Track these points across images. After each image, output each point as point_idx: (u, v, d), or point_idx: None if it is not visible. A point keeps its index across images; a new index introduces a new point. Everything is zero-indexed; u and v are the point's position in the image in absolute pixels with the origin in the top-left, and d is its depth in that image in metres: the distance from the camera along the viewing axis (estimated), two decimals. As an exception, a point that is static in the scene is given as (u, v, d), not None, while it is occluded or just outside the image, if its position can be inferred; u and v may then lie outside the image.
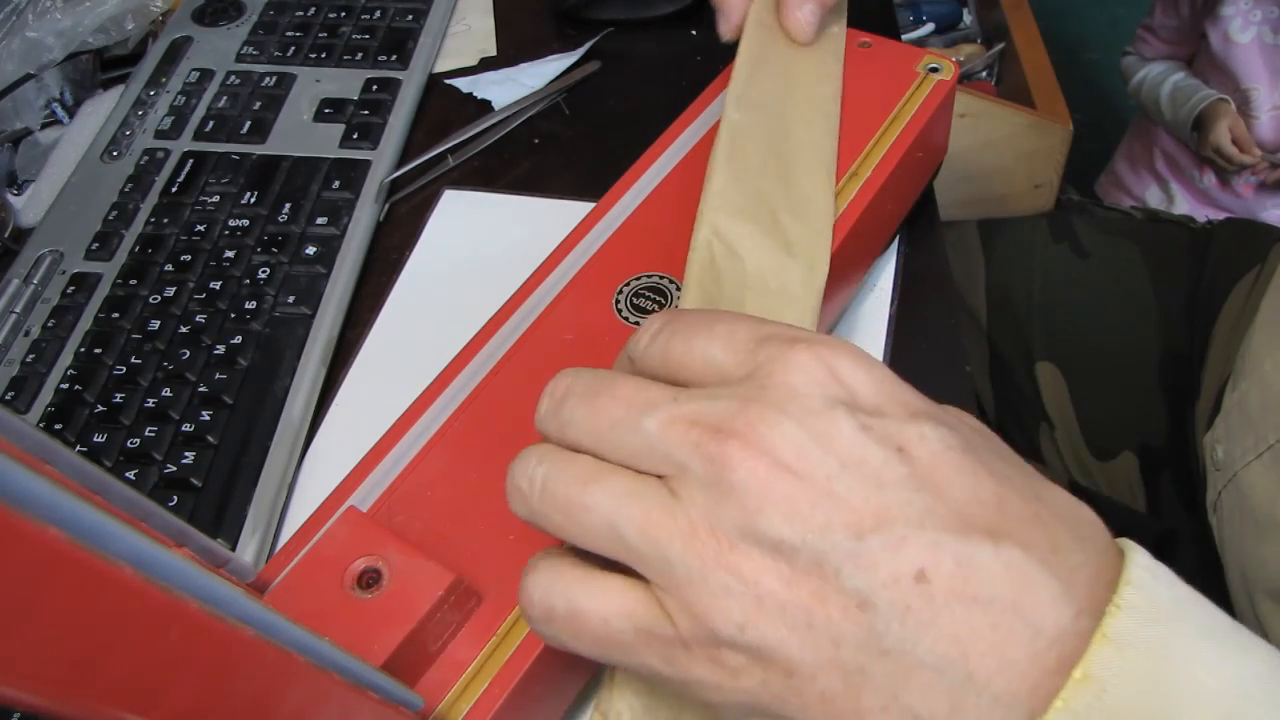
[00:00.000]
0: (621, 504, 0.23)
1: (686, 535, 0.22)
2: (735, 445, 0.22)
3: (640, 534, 0.22)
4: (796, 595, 0.21)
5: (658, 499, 0.22)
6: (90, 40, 0.59)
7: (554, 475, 0.24)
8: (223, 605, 0.17)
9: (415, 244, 0.50)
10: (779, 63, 0.41)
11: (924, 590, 0.21)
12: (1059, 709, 0.19)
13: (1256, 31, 0.99)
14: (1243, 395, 0.51)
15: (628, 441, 0.23)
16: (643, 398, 0.24)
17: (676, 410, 0.23)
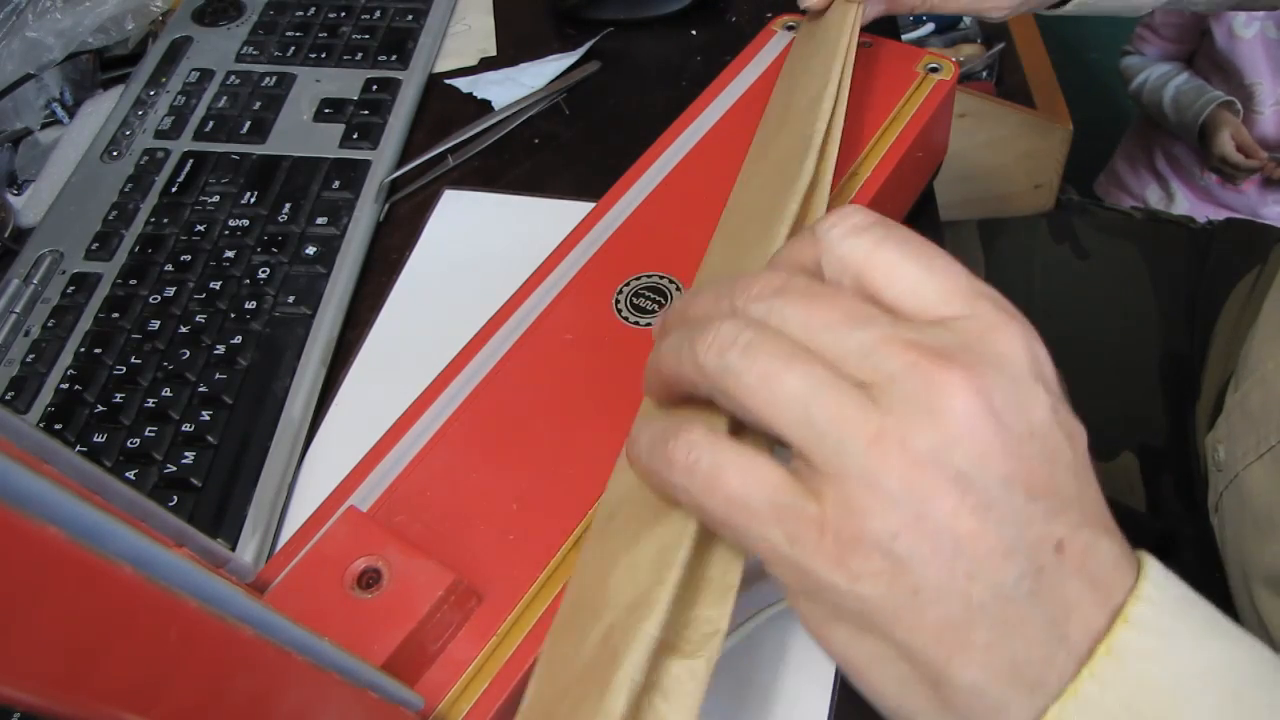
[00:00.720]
0: (820, 388, 0.23)
1: (875, 436, 0.23)
2: (958, 375, 0.23)
3: (830, 419, 0.23)
4: (956, 526, 0.22)
5: (855, 396, 0.23)
6: (90, 40, 0.59)
7: (761, 341, 0.24)
8: (222, 605, 0.17)
9: (415, 244, 0.50)
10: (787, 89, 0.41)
11: (1058, 559, 0.23)
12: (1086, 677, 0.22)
13: (1260, 27, 0.99)
14: (1244, 395, 0.51)
15: (838, 341, 0.24)
16: (863, 311, 0.24)
17: (897, 332, 0.24)
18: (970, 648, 0.23)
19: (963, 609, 0.23)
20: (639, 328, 0.36)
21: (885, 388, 0.23)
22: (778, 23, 0.48)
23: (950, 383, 0.23)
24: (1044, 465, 0.23)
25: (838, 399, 0.23)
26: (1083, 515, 0.24)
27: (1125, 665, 0.22)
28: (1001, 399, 0.23)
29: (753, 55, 0.47)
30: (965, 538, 0.22)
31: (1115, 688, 0.22)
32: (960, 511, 0.22)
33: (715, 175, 0.41)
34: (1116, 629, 0.23)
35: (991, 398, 0.23)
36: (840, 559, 0.23)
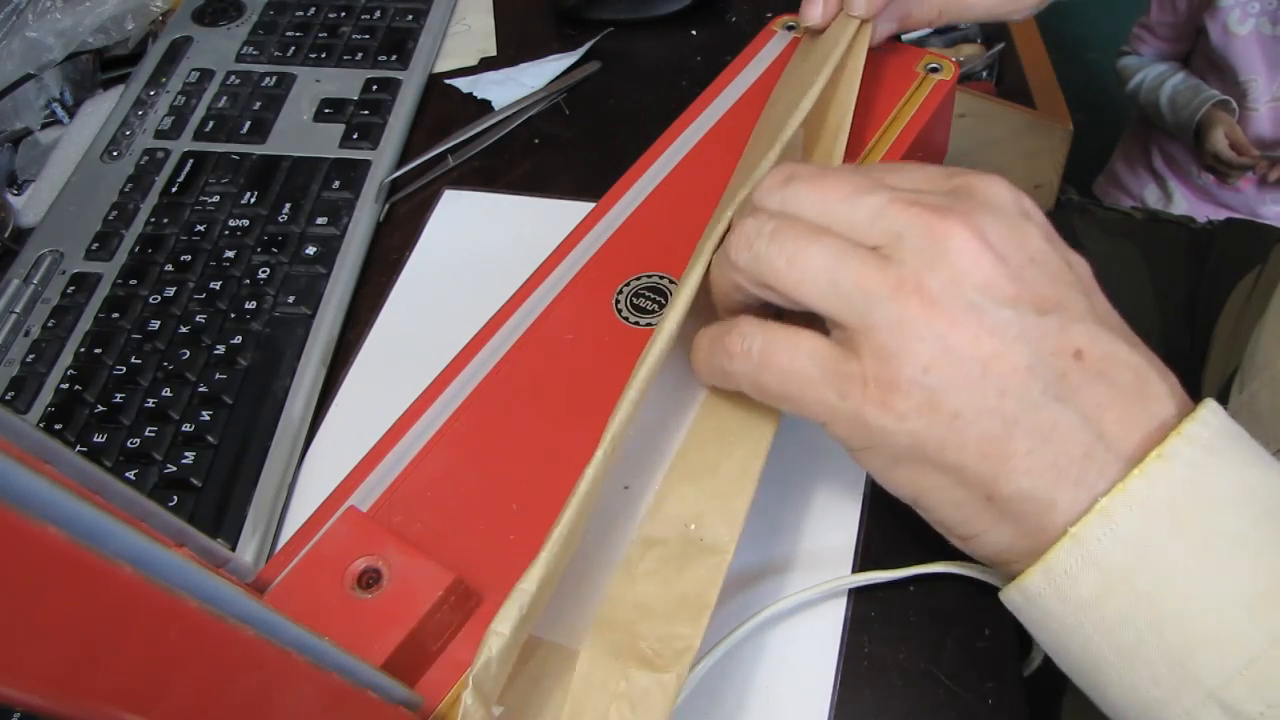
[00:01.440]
0: (840, 258, 0.26)
1: (894, 288, 0.25)
2: (955, 220, 0.26)
3: (853, 283, 0.26)
4: (978, 350, 0.25)
5: (871, 258, 0.26)
6: (90, 40, 0.59)
7: (783, 228, 0.27)
8: (222, 605, 0.17)
9: (415, 244, 0.50)
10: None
11: (1079, 364, 0.25)
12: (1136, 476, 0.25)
13: (1255, 23, 0.99)
14: (1252, 396, 0.51)
15: (850, 213, 0.27)
16: (865, 182, 0.28)
17: (900, 194, 0.27)
18: (1013, 457, 0.25)
19: (1000, 424, 0.25)
20: (639, 328, 0.36)
21: (896, 244, 0.26)
22: (778, 23, 0.48)
23: (949, 228, 0.25)
24: (1049, 284, 0.26)
25: (857, 263, 0.26)
26: (1097, 326, 0.26)
27: (1173, 471, 0.24)
28: (996, 235, 0.26)
29: (753, 55, 0.47)
30: (989, 359, 0.25)
31: (1161, 488, 0.24)
32: (980, 336, 0.25)
33: (715, 175, 0.41)
34: (1170, 439, 0.25)
35: (987, 235, 0.26)
36: (885, 402, 0.26)
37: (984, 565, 0.36)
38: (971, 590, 0.36)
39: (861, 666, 0.35)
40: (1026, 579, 0.26)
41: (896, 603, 0.36)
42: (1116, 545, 0.24)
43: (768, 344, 0.28)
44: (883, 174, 0.29)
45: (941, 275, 0.25)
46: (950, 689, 0.34)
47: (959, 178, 0.28)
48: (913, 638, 0.35)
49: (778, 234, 0.27)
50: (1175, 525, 0.24)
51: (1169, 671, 0.24)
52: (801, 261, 0.27)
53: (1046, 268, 0.26)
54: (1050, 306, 0.26)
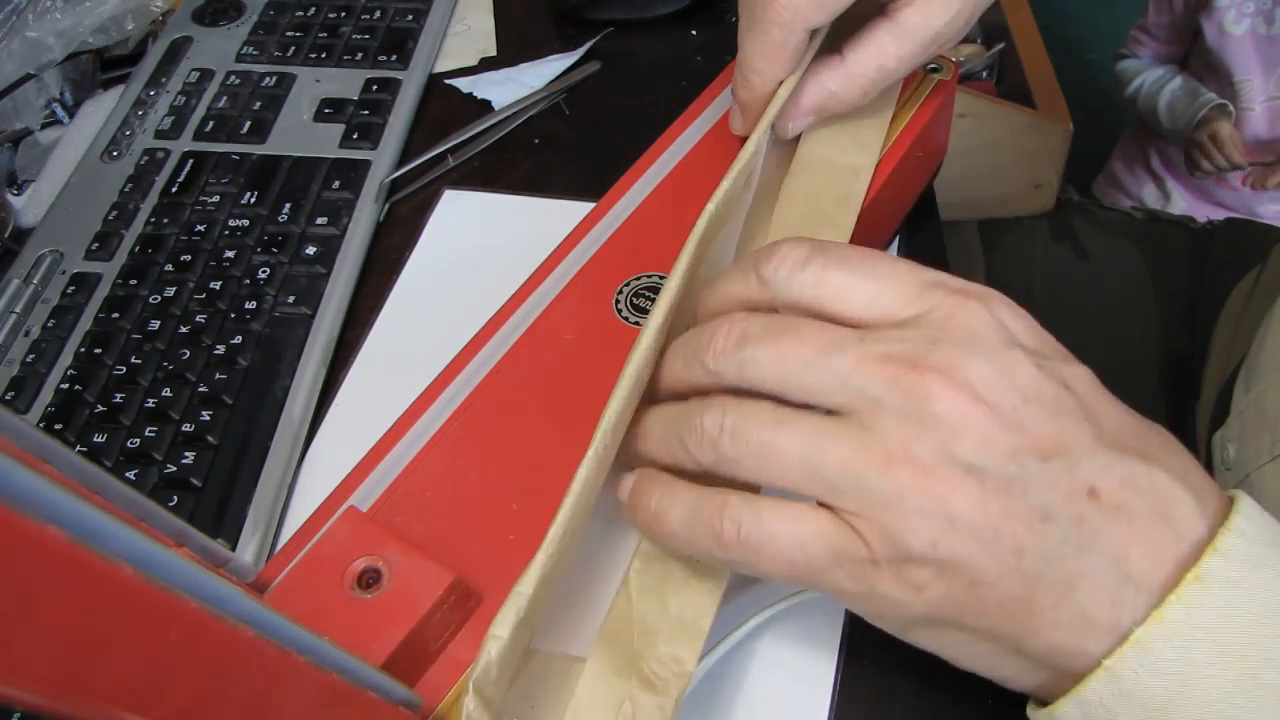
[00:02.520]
0: (814, 441, 0.24)
1: (882, 463, 0.24)
2: (934, 378, 0.24)
3: (836, 466, 0.24)
4: (986, 513, 0.23)
5: (849, 432, 0.24)
6: (90, 40, 0.59)
7: (743, 421, 0.25)
8: (222, 604, 0.17)
9: (415, 244, 0.50)
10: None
11: (1095, 504, 0.24)
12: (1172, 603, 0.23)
13: (1250, 23, 0.99)
14: (1259, 396, 0.50)
15: (816, 380, 0.25)
16: (828, 337, 0.25)
17: (867, 349, 0.25)
18: (1038, 614, 0.24)
19: (1021, 583, 0.24)
20: (639, 328, 0.36)
21: (873, 412, 0.24)
22: (778, 23, 0.48)
23: (930, 387, 0.24)
24: (1047, 423, 0.24)
25: (835, 443, 0.24)
26: (1108, 454, 0.24)
27: (1211, 592, 0.23)
28: (983, 383, 0.24)
29: (753, 55, 0.47)
30: (999, 519, 0.23)
31: (1200, 612, 0.23)
32: (985, 499, 0.23)
33: (716, 175, 0.41)
34: (1205, 558, 0.23)
35: (973, 386, 0.24)
36: (898, 579, 0.24)
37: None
38: (971, 590, 0.36)
39: (861, 666, 0.34)
40: (1059, 710, 0.25)
41: (896, 603, 0.36)
42: (1156, 678, 0.23)
43: (764, 532, 0.25)
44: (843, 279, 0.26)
45: (931, 442, 0.24)
46: (950, 689, 0.34)
47: (934, 294, 0.26)
48: (913, 638, 0.35)
49: (740, 431, 0.25)
50: (1217, 652, 0.23)
51: None
52: (774, 456, 0.25)
53: (1042, 402, 0.24)
54: (1054, 449, 0.24)
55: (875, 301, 0.26)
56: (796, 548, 0.25)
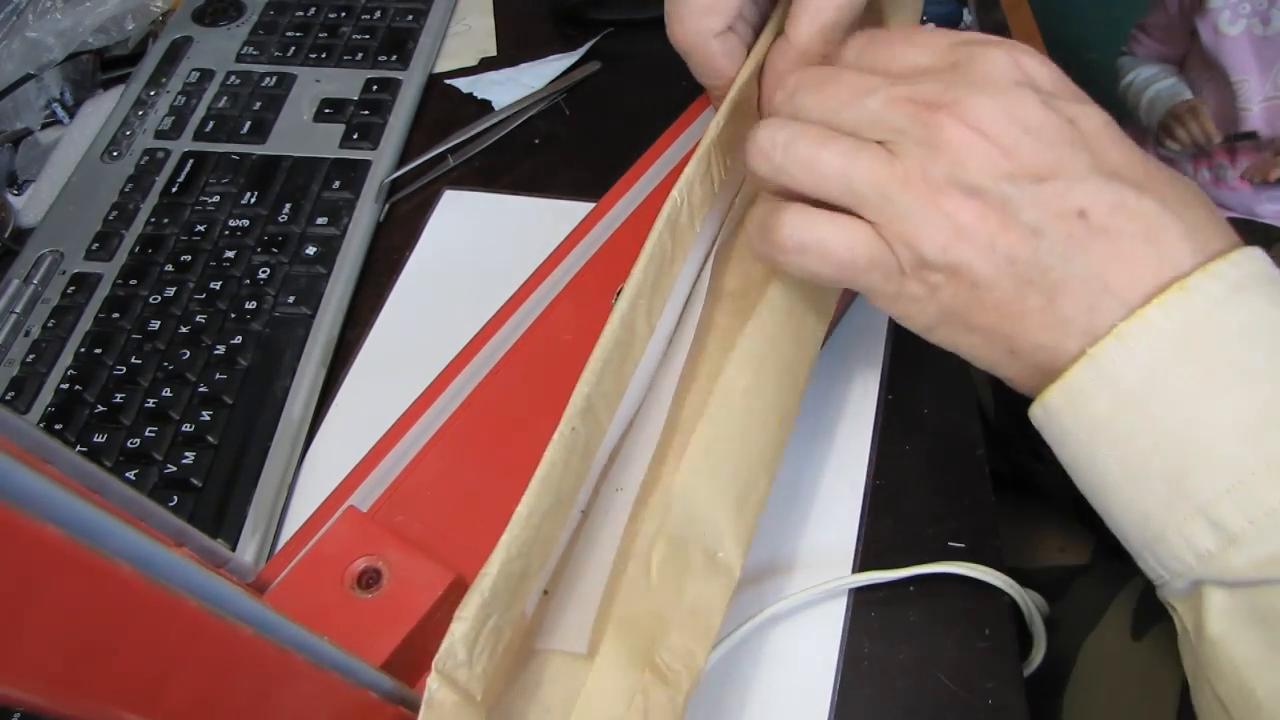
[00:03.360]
0: (851, 159, 0.29)
1: (903, 181, 0.28)
2: (944, 113, 0.28)
3: (867, 181, 0.29)
4: (985, 226, 0.27)
5: (879, 155, 0.29)
6: (90, 40, 0.59)
7: (795, 137, 0.30)
8: (222, 604, 0.17)
9: (415, 244, 0.50)
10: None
11: (1083, 223, 0.27)
12: (1155, 304, 0.26)
13: (1246, 24, 0.99)
14: None
15: (854, 115, 0.30)
16: (865, 83, 0.30)
17: (895, 91, 0.29)
18: (1026, 315, 0.28)
19: (1013, 287, 0.28)
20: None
21: (899, 139, 0.28)
22: (778, 23, 0.48)
23: (940, 121, 0.28)
24: (1045, 152, 0.27)
25: (867, 161, 0.29)
26: (1102, 180, 0.27)
27: (1193, 302, 0.26)
28: (986, 116, 0.28)
29: (753, 55, 0.47)
30: (996, 232, 0.27)
31: (1177, 318, 0.26)
32: (984, 213, 0.27)
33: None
34: (1194, 275, 0.26)
35: (979, 120, 0.28)
36: (919, 278, 0.29)
37: (982, 566, 0.36)
38: (971, 590, 0.36)
39: (861, 666, 0.35)
40: (1047, 395, 0.28)
41: (896, 603, 0.36)
42: (1129, 367, 0.26)
43: (820, 237, 0.30)
44: (889, 52, 0.31)
45: (941, 164, 0.28)
46: (950, 689, 0.34)
47: (962, 49, 0.30)
48: (913, 638, 0.35)
49: (790, 144, 0.30)
50: (1186, 352, 0.26)
51: (1165, 487, 0.26)
52: (817, 166, 0.29)
53: (1043, 134, 0.28)
54: (1048, 173, 0.27)
55: (916, 62, 0.30)
56: (845, 249, 0.29)
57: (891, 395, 0.41)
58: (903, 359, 0.43)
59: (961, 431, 0.40)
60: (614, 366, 0.30)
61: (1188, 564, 0.26)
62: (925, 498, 0.38)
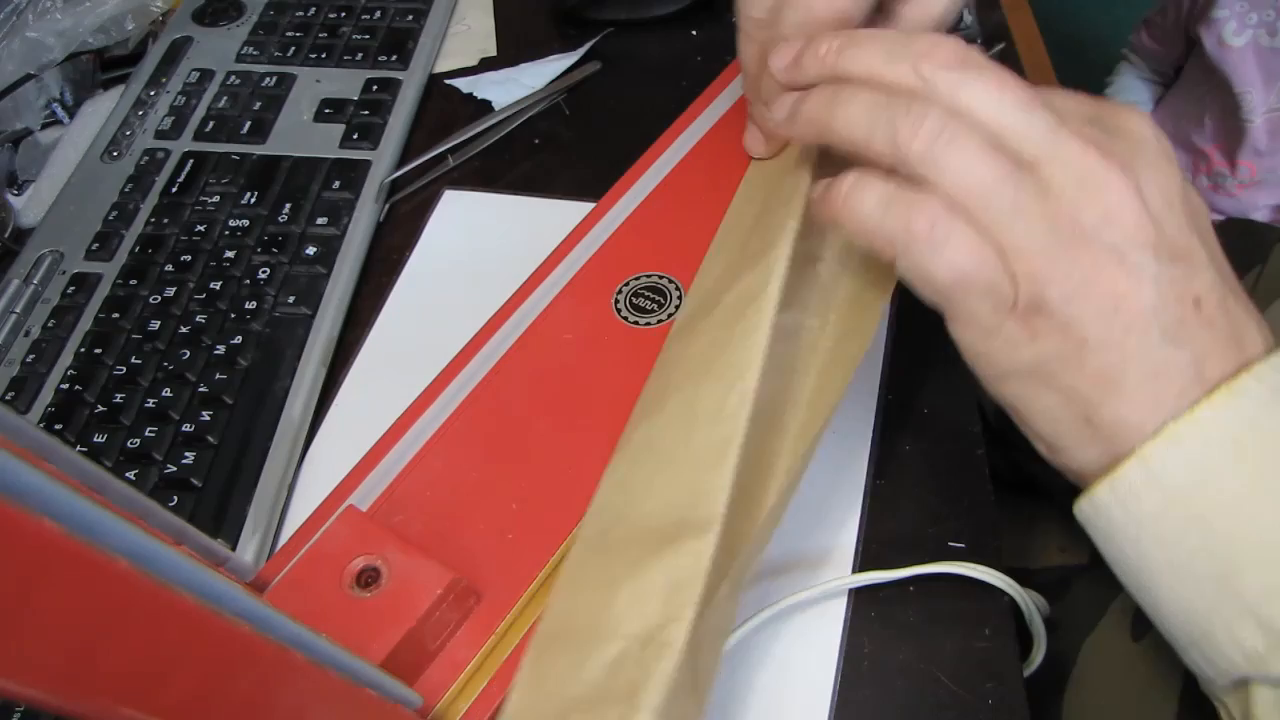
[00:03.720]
0: (1006, 176, 0.28)
1: (1052, 216, 0.27)
2: (1116, 165, 0.27)
3: (1014, 204, 0.27)
4: (1115, 289, 0.27)
5: (1030, 184, 0.28)
6: (90, 40, 0.59)
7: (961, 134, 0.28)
8: (222, 602, 0.17)
9: (415, 244, 0.50)
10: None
11: (1196, 313, 0.27)
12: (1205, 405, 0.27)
13: (1252, 34, 0.98)
14: None
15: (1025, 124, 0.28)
16: (1036, 96, 0.29)
17: (1067, 121, 0.28)
18: (1123, 388, 0.27)
19: (1119, 357, 0.27)
20: (639, 328, 0.36)
21: (1058, 171, 0.27)
22: (778, 23, 0.48)
23: (1109, 171, 0.27)
24: (1181, 234, 0.28)
25: (1019, 188, 0.27)
26: (1216, 275, 0.28)
27: (1240, 406, 0.26)
28: (1146, 183, 0.27)
29: (753, 55, 0.47)
30: (1123, 298, 0.27)
31: (1227, 419, 0.26)
32: (1118, 276, 0.27)
33: (715, 175, 0.41)
34: (1240, 376, 0.27)
35: (1140, 182, 0.27)
36: (1024, 324, 0.28)
37: (982, 566, 0.36)
38: (971, 590, 0.36)
39: (861, 666, 0.34)
40: (1096, 490, 0.28)
41: (896, 603, 0.36)
42: (1179, 468, 0.27)
43: (950, 237, 0.28)
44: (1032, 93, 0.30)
45: (1094, 214, 0.27)
46: (950, 689, 0.34)
47: (1103, 107, 0.30)
48: (913, 638, 0.35)
49: (956, 142, 0.28)
50: (1236, 456, 0.26)
51: (1213, 586, 0.26)
52: (972, 174, 0.28)
53: (1182, 214, 0.28)
54: (1181, 254, 0.27)
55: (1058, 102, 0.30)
56: (968, 260, 0.28)
57: (891, 395, 0.41)
58: (903, 359, 0.43)
59: (961, 431, 0.40)
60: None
61: (1235, 663, 0.26)
62: (925, 498, 0.38)
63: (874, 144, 0.29)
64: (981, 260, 0.28)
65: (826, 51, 0.31)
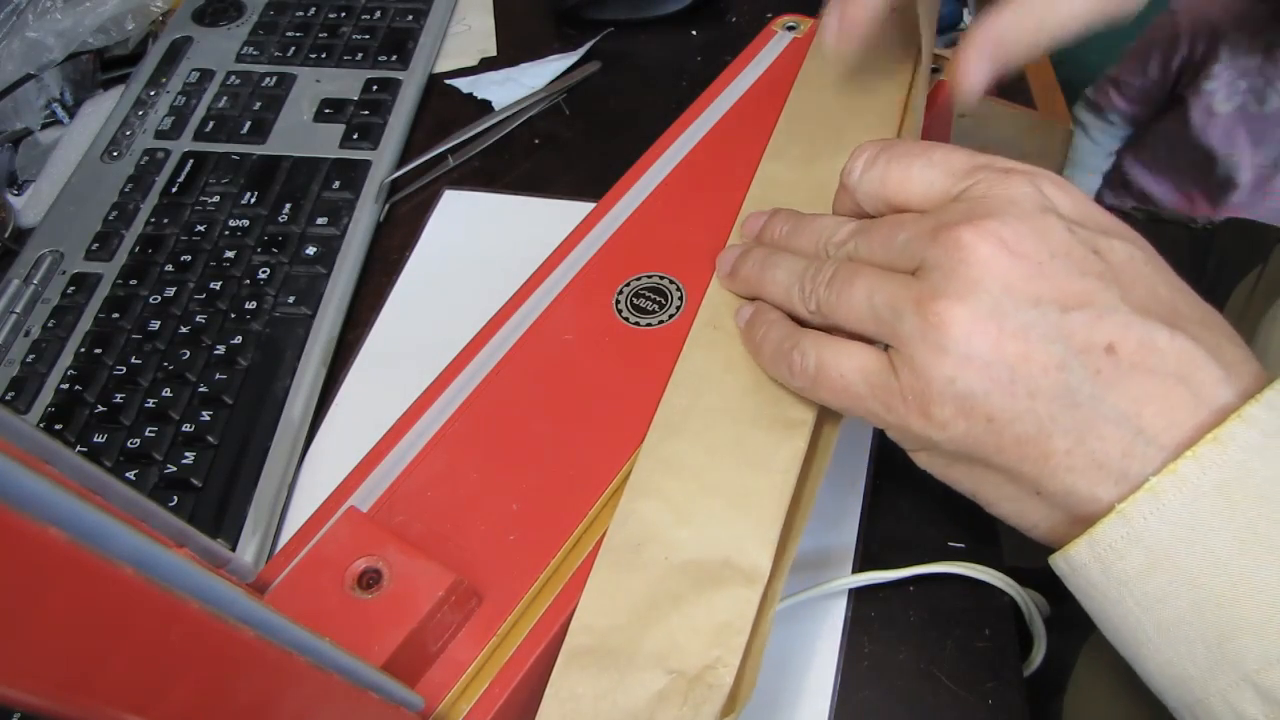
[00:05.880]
0: (877, 283, 0.28)
1: (916, 301, 0.26)
2: (965, 230, 0.26)
3: (885, 303, 0.28)
4: (1003, 354, 0.25)
5: (902, 280, 0.28)
6: (90, 40, 0.59)
7: (839, 273, 0.30)
8: (223, 605, 0.17)
9: (415, 244, 0.50)
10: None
11: (1112, 359, 0.25)
12: (1188, 457, 0.24)
13: (1241, 100, 0.98)
14: None
15: (888, 251, 0.29)
16: (898, 222, 0.29)
17: (922, 224, 0.28)
18: (1053, 456, 0.26)
19: (1035, 425, 0.26)
20: (639, 328, 0.36)
21: (923, 266, 0.27)
22: (778, 23, 0.48)
23: (959, 238, 0.26)
24: (1073, 280, 0.26)
25: (889, 285, 0.28)
26: (1131, 315, 0.25)
27: (1227, 455, 0.24)
28: (1011, 235, 0.26)
29: (753, 55, 0.47)
30: (1015, 361, 0.25)
31: (1213, 471, 0.24)
32: (1001, 340, 0.25)
33: (715, 175, 0.41)
34: (1228, 422, 0.24)
35: (1001, 236, 0.26)
36: (924, 413, 0.27)
37: (982, 566, 0.36)
38: (971, 590, 0.36)
39: (861, 666, 0.35)
40: (1072, 549, 0.26)
41: (896, 603, 0.36)
42: (1163, 525, 0.25)
43: (822, 363, 0.29)
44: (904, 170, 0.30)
45: (959, 282, 0.26)
46: (950, 689, 0.34)
47: (982, 172, 0.29)
48: (913, 638, 0.35)
49: (835, 278, 0.30)
50: (1226, 509, 0.24)
51: (1206, 651, 0.25)
52: (848, 294, 0.29)
53: (1070, 260, 0.26)
54: (1075, 302, 0.26)
55: (931, 186, 0.29)
56: (841, 377, 0.29)
57: (891, 395, 0.41)
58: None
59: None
60: None
61: None
62: (925, 498, 0.38)
63: (793, 307, 0.32)
64: (847, 369, 0.29)
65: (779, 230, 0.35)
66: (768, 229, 0.35)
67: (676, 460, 0.32)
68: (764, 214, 0.36)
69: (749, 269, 0.34)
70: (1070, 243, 0.26)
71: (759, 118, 0.43)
